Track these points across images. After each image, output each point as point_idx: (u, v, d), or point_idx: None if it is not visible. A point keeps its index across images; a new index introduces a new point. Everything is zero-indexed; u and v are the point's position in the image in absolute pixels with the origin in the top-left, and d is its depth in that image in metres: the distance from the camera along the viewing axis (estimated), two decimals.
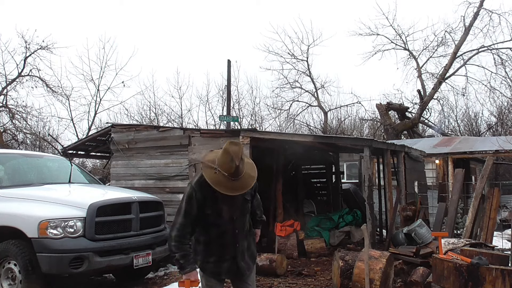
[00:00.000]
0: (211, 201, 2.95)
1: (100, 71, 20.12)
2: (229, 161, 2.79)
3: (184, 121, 23.76)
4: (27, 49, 17.54)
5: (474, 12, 19.40)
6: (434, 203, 9.80)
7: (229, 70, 16.93)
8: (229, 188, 2.82)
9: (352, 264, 5.47)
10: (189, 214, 2.94)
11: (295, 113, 24.67)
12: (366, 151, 7.36)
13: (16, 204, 5.37)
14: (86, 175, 7.39)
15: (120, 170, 9.38)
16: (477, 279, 3.91)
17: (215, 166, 2.84)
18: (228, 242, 3.07)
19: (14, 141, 18.20)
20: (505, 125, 22.57)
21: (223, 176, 2.81)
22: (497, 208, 6.56)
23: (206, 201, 2.95)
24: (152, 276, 6.81)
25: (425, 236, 6.35)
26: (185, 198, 2.97)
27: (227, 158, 2.80)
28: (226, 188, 2.82)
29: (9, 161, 6.60)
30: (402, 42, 21.86)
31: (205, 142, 8.44)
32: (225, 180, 2.81)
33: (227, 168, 2.80)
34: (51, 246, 5.02)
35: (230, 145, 2.83)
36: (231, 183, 2.82)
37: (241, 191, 2.88)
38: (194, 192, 2.94)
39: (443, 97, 22.57)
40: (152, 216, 6.09)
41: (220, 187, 2.81)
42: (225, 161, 2.81)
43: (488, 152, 12.09)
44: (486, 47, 19.53)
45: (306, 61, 24.06)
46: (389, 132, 20.19)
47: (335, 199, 11.53)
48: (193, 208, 2.94)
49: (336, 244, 8.83)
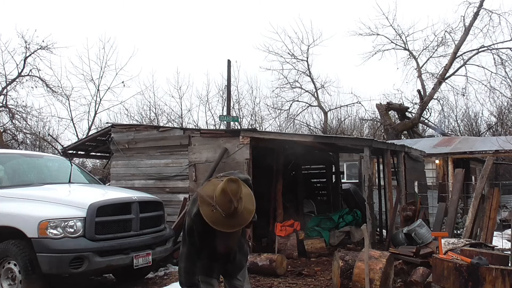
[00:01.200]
0: (207, 234, 2.98)
1: (100, 71, 20.14)
2: (227, 202, 2.75)
3: (184, 121, 23.79)
4: (27, 49, 17.57)
5: (474, 12, 19.42)
6: (434, 203, 9.81)
7: (229, 70, 16.94)
8: (226, 226, 2.80)
9: (352, 264, 5.47)
10: (193, 244, 3.06)
11: (295, 113, 24.71)
12: (366, 151, 7.36)
13: (16, 204, 5.37)
14: (86, 175, 7.39)
15: (120, 170, 9.38)
16: (477, 279, 3.91)
17: (213, 203, 2.79)
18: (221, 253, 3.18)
19: (14, 141, 18.20)
20: (505, 125, 22.58)
21: (220, 215, 2.77)
22: (497, 208, 6.57)
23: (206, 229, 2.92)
24: (152, 276, 6.80)
25: (425, 236, 6.35)
26: (186, 230, 3.07)
27: (225, 198, 2.75)
28: (223, 226, 2.79)
29: (9, 161, 6.60)
30: (402, 42, 21.88)
31: (205, 142, 8.45)
32: (223, 219, 2.77)
33: (226, 208, 2.76)
34: (51, 246, 5.01)
35: (228, 184, 2.76)
36: (228, 221, 2.78)
37: (239, 227, 2.88)
38: (195, 224, 2.99)
39: (443, 97, 22.63)
40: (152, 216, 6.09)
41: (218, 225, 2.78)
42: (223, 201, 2.76)
43: (488, 152, 12.09)
44: (486, 47, 19.54)
45: (306, 61, 24.09)
46: (389, 132, 20.20)
47: (335, 199, 11.53)
48: (195, 239, 3.04)
49: (336, 244, 8.83)
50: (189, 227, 3.01)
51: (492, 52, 19.58)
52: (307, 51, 23.95)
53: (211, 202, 2.79)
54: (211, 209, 2.78)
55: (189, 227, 3.01)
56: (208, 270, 3.21)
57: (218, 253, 3.12)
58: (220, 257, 3.18)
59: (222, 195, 2.76)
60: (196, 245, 3.03)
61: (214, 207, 2.78)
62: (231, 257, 3.23)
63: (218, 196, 2.78)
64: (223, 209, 2.75)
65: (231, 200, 2.74)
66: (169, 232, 6.47)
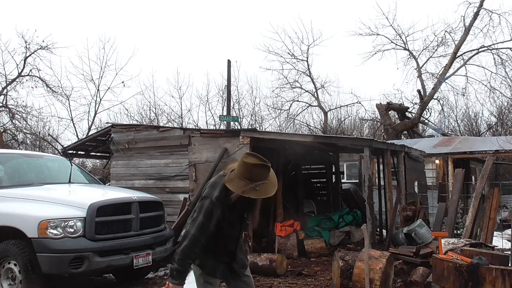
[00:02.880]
0: (228, 213, 3.00)
1: (100, 71, 20.16)
2: (250, 168, 2.84)
3: (184, 121, 23.81)
4: (27, 49, 17.59)
5: (474, 12, 19.42)
6: (434, 203, 9.80)
7: (229, 70, 16.93)
8: (261, 192, 2.86)
9: (352, 264, 5.47)
10: (206, 228, 2.94)
11: (295, 113, 24.72)
12: (366, 151, 7.36)
13: (16, 204, 5.37)
14: (86, 175, 7.39)
15: (120, 170, 9.38)
16: (477, 279, 3.91)
17: (239, 177, 2.86)
18: (227, 250, 3.18)
19: (14, 141, 18.21)
20: (505, 125, 22.58)
21: (251, 184, 2.83)
22: (497, 208, 6.57)
23: (225, 216, 2.98)
24: (152, 276, 6.80)
25: (425, 236, 6.35)
26: (204, 212, 2.94)
27: (245, 166, 2.85)
28: (254, 191, 2.84)
29: (9, 161, 6.59)
30: (402, 42, 21.89)
31: (205, 142, 8.45)
32: (254, 187, 2.84)
33: (257, 173, 2.85)
34: (51, 246, 5.01)
35: (249, 155, 2.91)
36: (258, 187, 2.85)
37: (267, 195, 2.90)
38: (215, 208, 2.94)
39: (443, 97, 22.62)
40: (152, 216, 6.08)
41: (250, 193, 2.83)
42: (246, 170, 2.85)
43: (488, 152, 12.09)
44: (486, 47, 19.55)
45: (306, 61, 24.11)
46: (389, 132, 20.20)
47: (335, 199, 11.53)
48: (211, 224, 2.94)
49: (336, 244, 8.83)
50: (208, 210, 2.93)
51: (492, 52, 19.61)
52: (307, 51, 23.99)
53: (238, 176, 2.85)
54: (238, 181, 2.84)
55: (208, 210, 2.93)
56: (212, 270, 3.18)
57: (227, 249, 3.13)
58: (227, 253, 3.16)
59: (250, 165, 2.84)
60: (208, 230, 2.94)
61: (239, 178, 2.83)
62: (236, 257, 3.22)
63: (245, 168, 2.85)
64: (256, 174, 2.83)
65: (262, 163, 2.84)
66: (169, 232, 6.46)
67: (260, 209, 3.11)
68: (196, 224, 2.92)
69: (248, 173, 2.84)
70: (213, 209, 2.93)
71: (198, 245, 2.93)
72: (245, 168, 2.85)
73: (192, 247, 2.91)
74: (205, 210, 2.94)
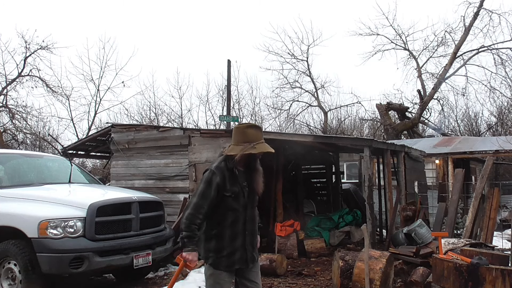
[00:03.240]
0: (230, 184, 3.11)
1: (100, 71, 20.17)
2: (245, 131, 3.12)
3: (184, 121, 23.81)
4: (27, 49, 17.59)
5: (474, 12, 19.42)
6: (434, 203, 9.80)
7: (229, 70, 16.93)
8: (258, 149, 3.08)
9: (352, 264, 5.47)
10: (206, 196, 3.05)
11: (295, 113, 24.73)
12: (366, 151, 7.36)
13: (16, 204, 5.37)
14: (86, 175, 7.39)
15: (120, 170, 9.38)
16: (477, 279, 3.91)
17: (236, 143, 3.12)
18: (239, 230, 3.16)
19: (14, 141, 18.21)
20: (505, 125, 22.57)
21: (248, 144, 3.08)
22: (497, 208, 6.56)
23: (226, 183, 3.09)
24: (152, 276, 6.80)
25: (425, 236, 6.34)
26: (204, 181, 3.10)
27: (241, 131, 3.15)
28: (256, 149, 3.07)
29: (9, 161, 6.59)
30: (402, 42, 21.89)
31: (205, 142, 8.45)
32: (251, 146, 3.07)
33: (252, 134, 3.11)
34: (51, 246, 5.01)
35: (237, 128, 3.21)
36: (258, 145, 3.09)
37: (266, 150, 3.11)
38: (214, 175, 3.08)
39: (443, 97, 22.62)
40: (152, 216, 6.08)
41: (250, 150, 3.06)
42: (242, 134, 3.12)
43: (488, 152, 12.09)
44: (486, 47, 19.54)
45: (306, 61, 24.11)
46: (389, 132, 20.19)
47: (335, 199, 11.53)
48: (211, 191, 3.05)
49: (336, 244, 8.83)
50: (207, 178, 3.09)
51: (492, 52, 19.61)
52: (307, 51, 24.00)
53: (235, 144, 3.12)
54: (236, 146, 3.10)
55: (207, 178, 3.09)
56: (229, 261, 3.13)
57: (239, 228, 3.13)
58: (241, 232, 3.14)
59: (237, 131, 3.16)
60: (209, 196, 3.05)
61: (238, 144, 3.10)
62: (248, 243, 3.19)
63: (239, 132, 3.16)
64: (250, 135, 3.10)
65: (246, 126, 3.16)
66: (169, 232, 6.46)
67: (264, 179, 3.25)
68: (197, 192, 3.08)
69: (243, 136, 3.10)
70: (212, 176, 3.08)
71: (201, 211, 3.04)
72: (239, 133, 3.14)
73: (195, 213, 3.03)
74: (205, 179, 3.10)
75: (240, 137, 3.12)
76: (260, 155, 3.16)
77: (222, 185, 3.07)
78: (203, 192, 3.06)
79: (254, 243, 3.28)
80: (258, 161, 3.21)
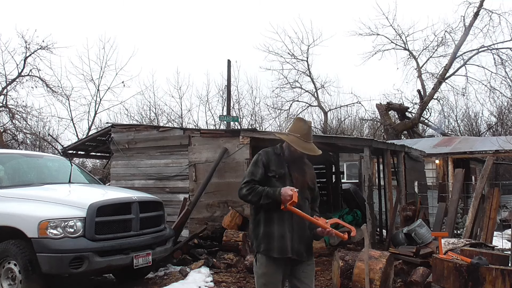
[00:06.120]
0: (275, 166, 3.26)
1: (100, 71, 20.18)
2: (302, 125, 3.30)
3: (184, 121, 23.82)
4: (27, 49, 17.57)
5: (474, 12, 19.41)
6: (434, 203, 9.80)
7: (229, 70, 16.94)
8: (302, 148, 3.21)
9: (352, 264, 5.47)
10: (254, 174, 3.22)
11: (295, 113, 24.69)
12: (366, 151, 7.36)
13: (16, 204, 5.37)
14: (86, 175, 7.39)
15: (120, 170, 9.38)
16: (477, 279, 3.91)
17: (290, 132, 3.29)
18: (285, 216, 3.15)
19: (14, 141, 18.20)
20: (505, 125, 22.58)
21: (297, 138, 3.23)
22: (497, 208, 6.56)
23: (270, 164, 3.26)
24: (152, 276, 6.80)
25: (425, 236, 6.34)
26: (252, 163, 3.32)
27: (299, 123, 3.33)
28: (300, 147, 3.20)
29: (9, 161, 6.59)
30: (402, 42, 21.89)
31: (205, 142, 8.45)
32: (299, 141, 3.22)
33: (301, 129, 3.26)
34: (51, 246, 5.00)
35: (299, 118, 3.42)
36: (303, 144, 3.22)
37: (312, 153, 3.24)
38: (260, 156, 3.30)
39: (443, 97, 22.64)
40: (152, 216, 6.08)
41: (296, 145, 3.20)
42: (298, 127, 3.29)
43: (488, 152, 12.09)
44: (486, 47, 19.53)
45: (306, 61, 24.12)
46: (389, 132, 20.19)
47: (335, 199, 11.53)
48: (259, 169, 3.24)
49: (336, 244, 8.82)
50: (255, 159, 3.30)
51: (492, 52, 19.59)
52: (307, 51, 24.00)
53: (289, 132, 3.30)
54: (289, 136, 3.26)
55: (255, 159, 3.30)
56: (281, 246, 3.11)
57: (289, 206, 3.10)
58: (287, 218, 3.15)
59: (296, 123, 3.34)
60: (257, 173, 3.21)
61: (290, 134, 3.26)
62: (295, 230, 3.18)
63: (292, 126, 3.34)
64: (300, 131, 3.25)
65: (305, 122, 3.34)
66: (169, 232, 6.46)
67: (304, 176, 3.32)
68: (246, 173, 3.31)
69: (297, 128, 3.27)
70: (258, 157, 3.31)
71: (253, 184, 3.18)
72: (295, 124, 3.35)
73: (249, 187, 3.17)
74: (253, 161, 3.34)
75: (294, 127, 3.32)
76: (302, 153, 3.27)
77: (266, 164, 3.25)
78: (251, 171, 3.25)
79: (303, 237, 3.21)
80: (304, 154, 3.32)
